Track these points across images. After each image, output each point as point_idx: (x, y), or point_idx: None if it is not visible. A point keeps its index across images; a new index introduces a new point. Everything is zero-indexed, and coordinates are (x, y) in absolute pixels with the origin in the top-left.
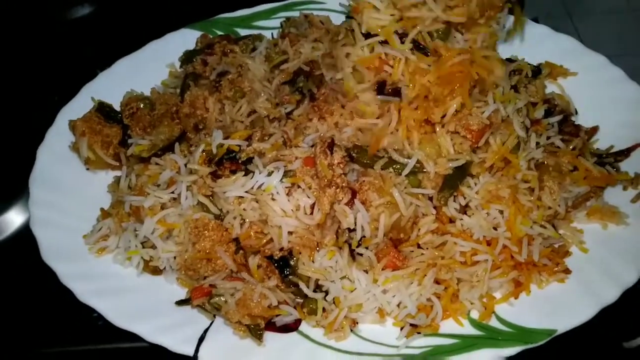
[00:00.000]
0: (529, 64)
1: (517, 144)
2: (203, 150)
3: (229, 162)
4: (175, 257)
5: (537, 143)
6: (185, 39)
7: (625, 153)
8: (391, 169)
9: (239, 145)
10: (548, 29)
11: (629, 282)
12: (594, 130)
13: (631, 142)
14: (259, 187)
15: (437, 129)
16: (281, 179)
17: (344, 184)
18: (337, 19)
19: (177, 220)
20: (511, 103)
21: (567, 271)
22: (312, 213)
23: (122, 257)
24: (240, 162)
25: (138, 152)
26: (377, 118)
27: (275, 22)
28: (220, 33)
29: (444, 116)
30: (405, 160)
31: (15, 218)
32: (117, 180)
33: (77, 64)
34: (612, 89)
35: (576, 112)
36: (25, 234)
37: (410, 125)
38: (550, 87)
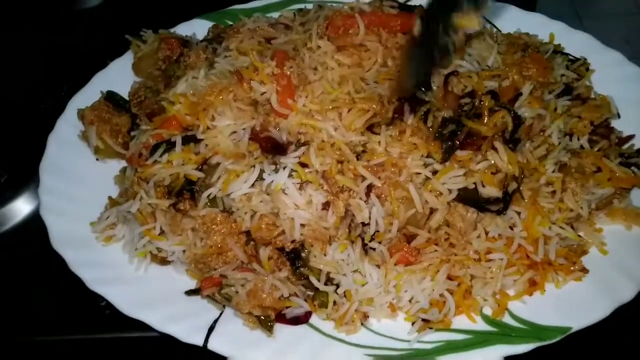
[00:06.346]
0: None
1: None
2: (158, 186)
3: (189, 193)
4: (184, 251)
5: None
6: (197, 29)
7: None
8: None
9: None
10: (564, 25)
11: None
12: (629, 138)
13: None
14: (268, 185)
15: None
16: (289, 175)
17: (357, 188)
18: None
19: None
20: (557, 121)
21: (584, 270)
22: (324, 209)
23: (131, 248)
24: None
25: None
26: None
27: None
28: (231, 24)
29: None
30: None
31: (25, 205)
32: (124, 170)
33: (88, 53)
34: (631, 86)
35: (619, 116)
36: (35, 221)
37: None
38: None
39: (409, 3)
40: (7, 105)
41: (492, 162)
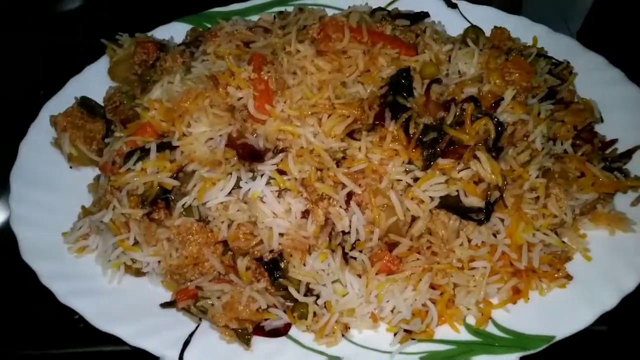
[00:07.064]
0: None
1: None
2: (131, 195)
3: (163, 202)
4: (159, 262)
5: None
6: (176, 32)
7: (627, 155)
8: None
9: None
10: (547, 28)
11: (629, 287)
12: (612, 142)
13: (632, 143)
14: (245, 193)
15: None
16: (267, 183)
17: (337, 196)
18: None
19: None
20: (540, 126)
21: (568, 277)
22: (303, 217)
23: (104, 260)
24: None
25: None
26: None
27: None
28: (210, 27)
29: None
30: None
31: None
32: (98, 179)
33: (65, 57)
34: (612, 89)
35: (602, 120)
36: (5, 231)
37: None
38: None
39: (395, 4)
40: None
41: (475, 170)
